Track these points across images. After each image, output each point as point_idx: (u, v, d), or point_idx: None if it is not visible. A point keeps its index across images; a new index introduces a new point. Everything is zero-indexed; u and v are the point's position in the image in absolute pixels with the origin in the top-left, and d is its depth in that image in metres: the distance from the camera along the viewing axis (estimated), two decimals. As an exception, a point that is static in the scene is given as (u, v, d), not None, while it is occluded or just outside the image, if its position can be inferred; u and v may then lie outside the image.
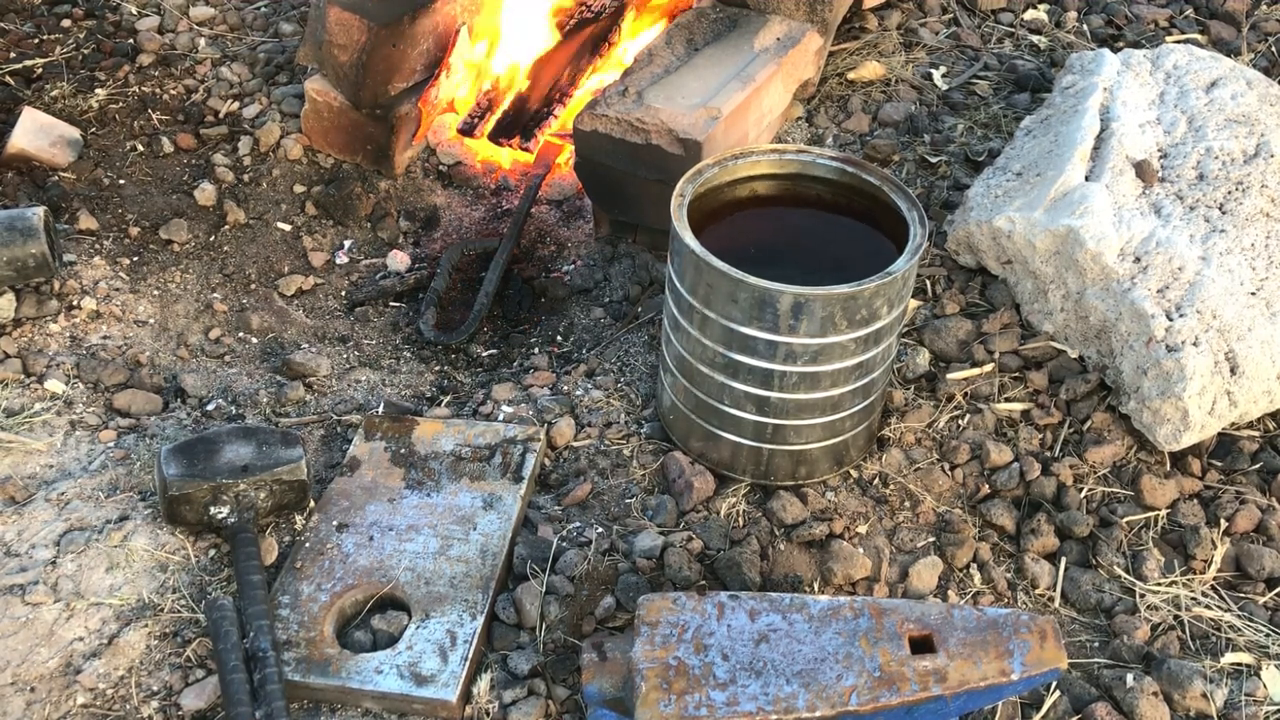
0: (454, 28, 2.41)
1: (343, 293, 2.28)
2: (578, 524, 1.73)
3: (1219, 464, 1.85)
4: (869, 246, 1.73)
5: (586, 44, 2.62)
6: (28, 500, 1.74)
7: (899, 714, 1.38)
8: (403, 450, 1.81)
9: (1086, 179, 2.02)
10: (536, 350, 2.13)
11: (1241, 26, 2.80)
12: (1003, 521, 1.76)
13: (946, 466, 1.82)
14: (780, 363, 1.63)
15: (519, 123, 2.53)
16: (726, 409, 1.71)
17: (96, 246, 2.20)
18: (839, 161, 1.77)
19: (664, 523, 1.72)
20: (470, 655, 1.53)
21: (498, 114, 2.54)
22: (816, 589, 1.65)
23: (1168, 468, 1.84)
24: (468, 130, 2.51)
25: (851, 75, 2.56)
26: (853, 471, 1.81)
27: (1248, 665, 1.61)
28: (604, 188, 2.24)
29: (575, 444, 1.85)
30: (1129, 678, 1.56)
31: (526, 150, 2.51)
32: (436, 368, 2.14)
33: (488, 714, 1.50)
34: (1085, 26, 2.79)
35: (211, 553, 1.69)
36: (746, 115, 2.21)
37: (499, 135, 2.52)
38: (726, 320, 1.61)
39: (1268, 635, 1.65)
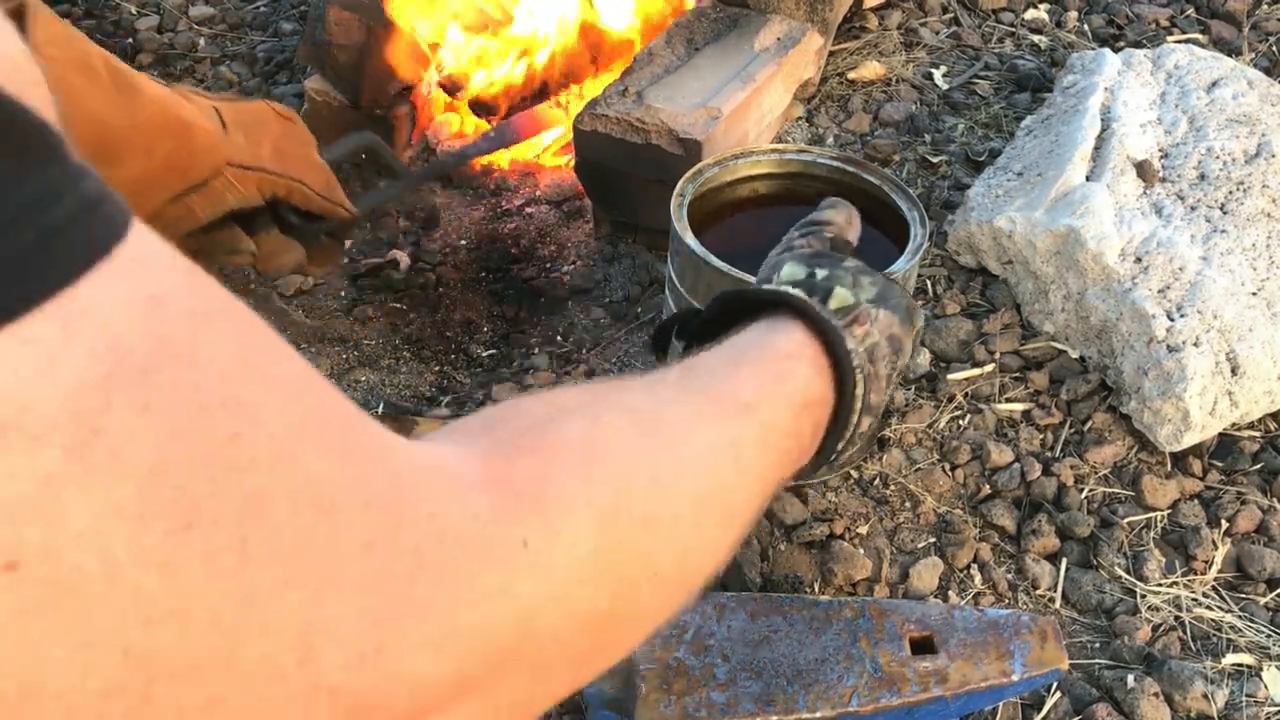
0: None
1: (342, 293, 2.27)
2: (578, 524, 1.72)
3: (1220, 464, 1.85)
4: (869, 246, 1.72)
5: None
6: (27, 500, 1.74)
7: (899, 714, 1.38)
8: (402, 450, 1.81)
9: (1087, 179, 2.02)
10: (536, 350, 2.12)
11: (1242, 26, 2.79)
12: (1003, 522, 1.75)
13: (947, 467, 1.82)
14: (780, 363, 1.62)
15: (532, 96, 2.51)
16: (727, 409, 1.71)
17: (96, 246, 2.20)
18: (839, 161, 1.77)
19: (664, 523, 1.72)
20: (470, 656, 1.53)
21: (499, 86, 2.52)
22: (817, 589, 1.65)
23: (1168, 468, 1.84)
24: (451, 90, 2.47)
25: (852, 75, 2.56)
26: (853, 472, 1.81)
27: (1249, 666, 1.61)
28: (604, 188, 2.23)
29: (575, 444, 1.85)
30: (1130, 678, 1.55)
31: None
32: (436, 368, 2.14)
33: (487, 715, 1.50)
34: (1086, 26, 2.79)
35: (211, 553, 1.68)
36: (747, 115, 2.21)
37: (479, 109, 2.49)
38: (727, 320, 1.61)
39: (1269, 636, 1.64)
